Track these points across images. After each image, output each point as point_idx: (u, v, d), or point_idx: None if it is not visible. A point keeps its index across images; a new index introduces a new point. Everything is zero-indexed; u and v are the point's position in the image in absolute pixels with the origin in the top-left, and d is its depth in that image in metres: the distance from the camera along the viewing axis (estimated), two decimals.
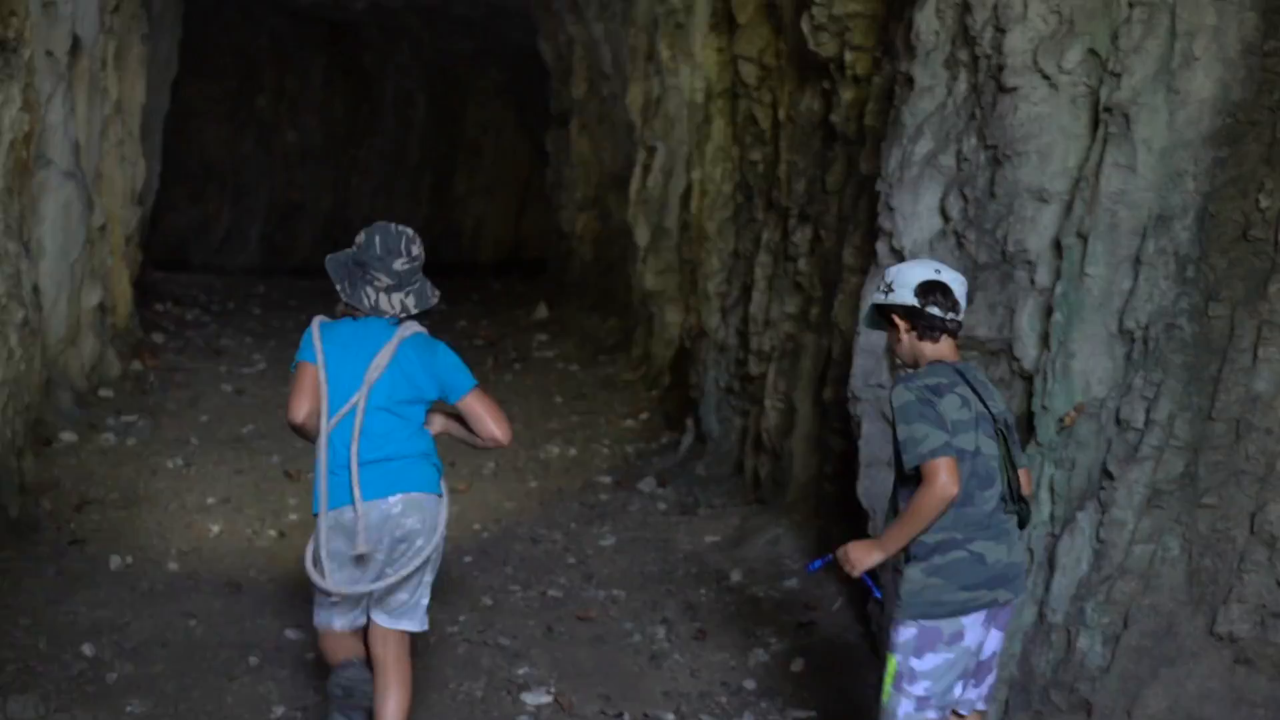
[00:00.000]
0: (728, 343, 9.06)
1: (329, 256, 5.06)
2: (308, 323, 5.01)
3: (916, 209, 5.69)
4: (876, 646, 5.81)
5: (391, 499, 4.74)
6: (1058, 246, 4.99)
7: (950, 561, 4.09)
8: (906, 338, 4.23)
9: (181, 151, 21.14)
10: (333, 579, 4.72)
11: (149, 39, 13.05)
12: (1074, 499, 4.76)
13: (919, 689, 4.12)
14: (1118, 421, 4.67)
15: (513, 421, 5.29)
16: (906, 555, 4.14)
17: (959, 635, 4.09)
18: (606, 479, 9.09)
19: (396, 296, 4.90)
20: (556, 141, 18.99)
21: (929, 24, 5.74)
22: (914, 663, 4.12)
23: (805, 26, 7.43)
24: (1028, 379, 5.11)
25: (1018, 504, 4.17)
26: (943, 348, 4.20)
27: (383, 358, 4.80)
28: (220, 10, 21.06)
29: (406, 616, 4.81)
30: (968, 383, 4.16)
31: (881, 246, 5.91)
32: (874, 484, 5.99)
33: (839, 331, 6.91)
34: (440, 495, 4.90)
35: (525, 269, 22.98)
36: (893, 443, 4.15)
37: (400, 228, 5.00)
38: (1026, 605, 4.78)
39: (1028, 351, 5.12)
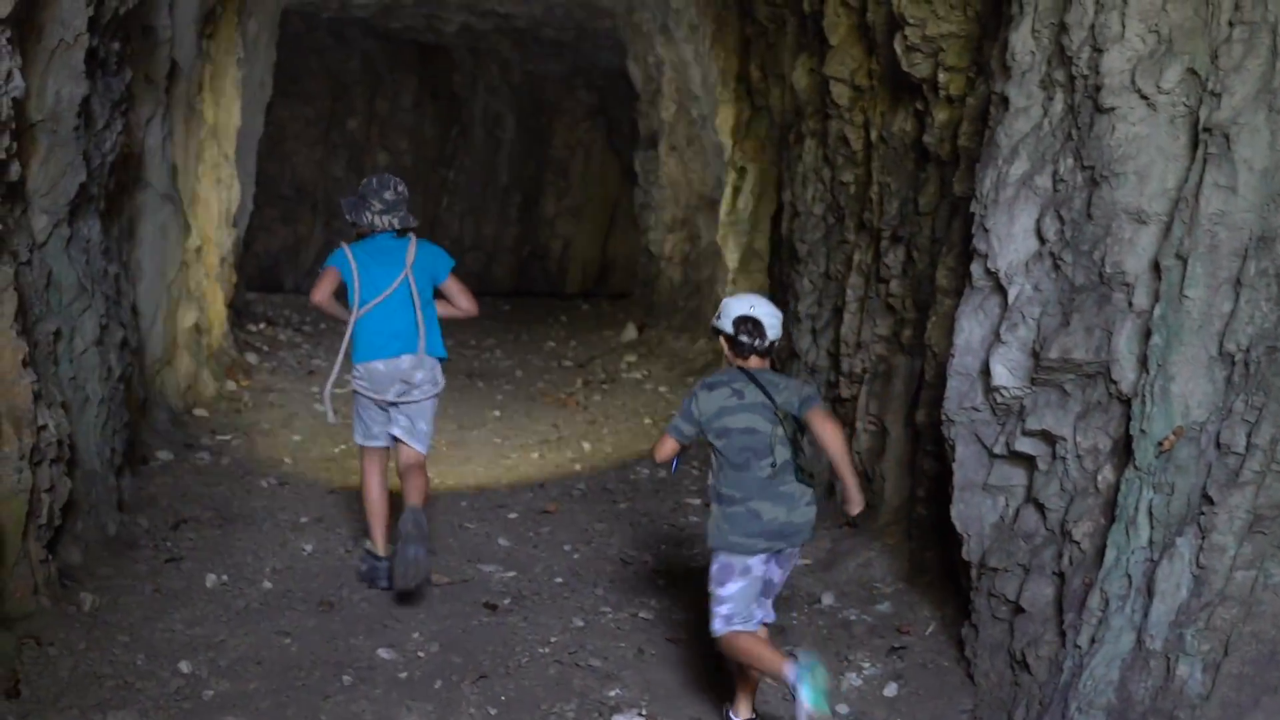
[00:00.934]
0: (818, 364, 9.04)
1: (342, 198, 7.48)
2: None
3: (1012, 230, 5.66)
4: (972, 672, 5.78)
5: (407, 358, 7.10)
6: (1156, 268, 4.95)
7: (734, 513, 5.43)
8: (728, 352, 5.65)
9: (274, 174, 21.42)
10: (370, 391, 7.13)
11: (244, 63, 13.24)
12: (1173, 524, 4.70)
13: (724, 609, 5.40)
14: (1218, 445, 4.61)
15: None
16: (716, 496, 5.56)
17: (748, 570, 5.41)
18: (696, 501, 9.09)
19: (385, 217, 7.18)
20: (645, 163, 19.06)
21: (1024, 44, 5.72)
22: (719, 590, 5.44)
23: (898, 47, 7.42)
24: (1126, 402, 5.07)
25: (802, 470, 5.45)
26: (751, 361, 5.58)
27: (410, 256, 7.14)
28: (313, 34, 21.31)
29: (419, 440, 7.17)
30: (756, 382, 5.51)
31: (976, 268, 5.88)
32: (968, 507, 5.96)
33: (932, 354, 6.88)
34: (444, 358, 7.27)
35: (613, 290, 23.04)
36: None
37: (389, 175, 7.37)
38: (1125, 631, 4.74)
39: (1126, 375, 5.07)
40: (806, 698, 5.01)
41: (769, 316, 5.61)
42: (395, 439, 7.17)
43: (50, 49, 6.66)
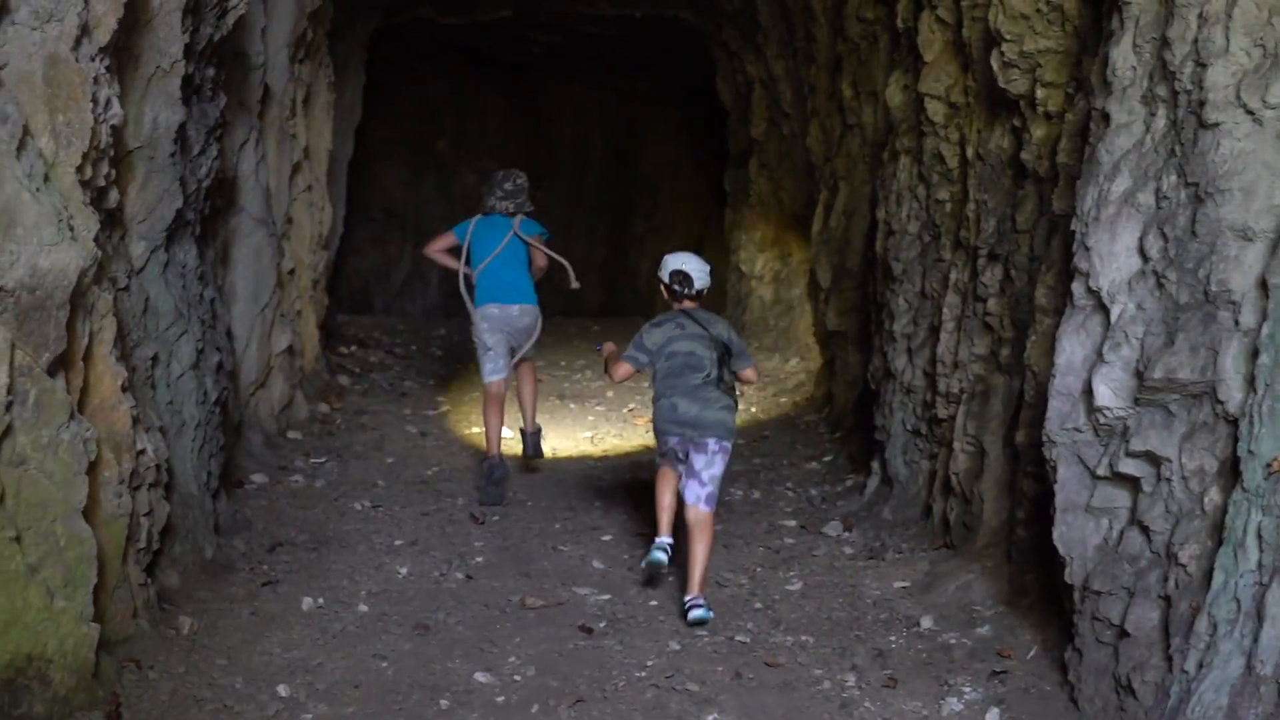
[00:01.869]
0: (914, 384, 9.00)
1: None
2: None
3: (1114, 248, 5.62)
4: (1076, 697, 5.72)
5: (515, 307, 9.95)
6: (1263, 286, 4.89)
7: (660, 406, 7.59)
8: (667, 297, 7.81)
9: (364, 196, 21.59)
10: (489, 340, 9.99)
11: (335, 87, 13.39)
12: None
13: (659, 455, 7.80)
14: None
15: None
16: (654, 397, 7.72)
17: (663, 442, 7.60)
18: (791, 523, 9.07)
19: (504, 203, 9.99)
20: (735, 181, 19.03)
21: (1125, 59, 5.68)
22: (661, 447, 7.70)
23: (995, 63, 7.39)
24: (1233, 423, 5.01)
25: (724, 383, 7.57)
26: (685, 303, 7.72)
27: (514, 227, 9.92)
28: (402, 55, 21.48)
29: (528, 353, 10.13)
30: (694, 319, 7.64)
31: (1078, 287, 5.84)
32: (1071, 530, 5.91)
33: (1031, 373, 6.83)
34: (537, 305, 10.10)
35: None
36: None
37: (514, 170, 10.26)
38: (1234, 656, 4.68)
39: (1232, 395, 5.01)
40: (650, 557, 7.44)
41: (697, 271, 7.76)
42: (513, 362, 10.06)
43: (147, 76, 6.79)
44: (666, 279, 7.79)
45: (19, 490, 5.04)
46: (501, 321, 9.90)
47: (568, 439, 11.88)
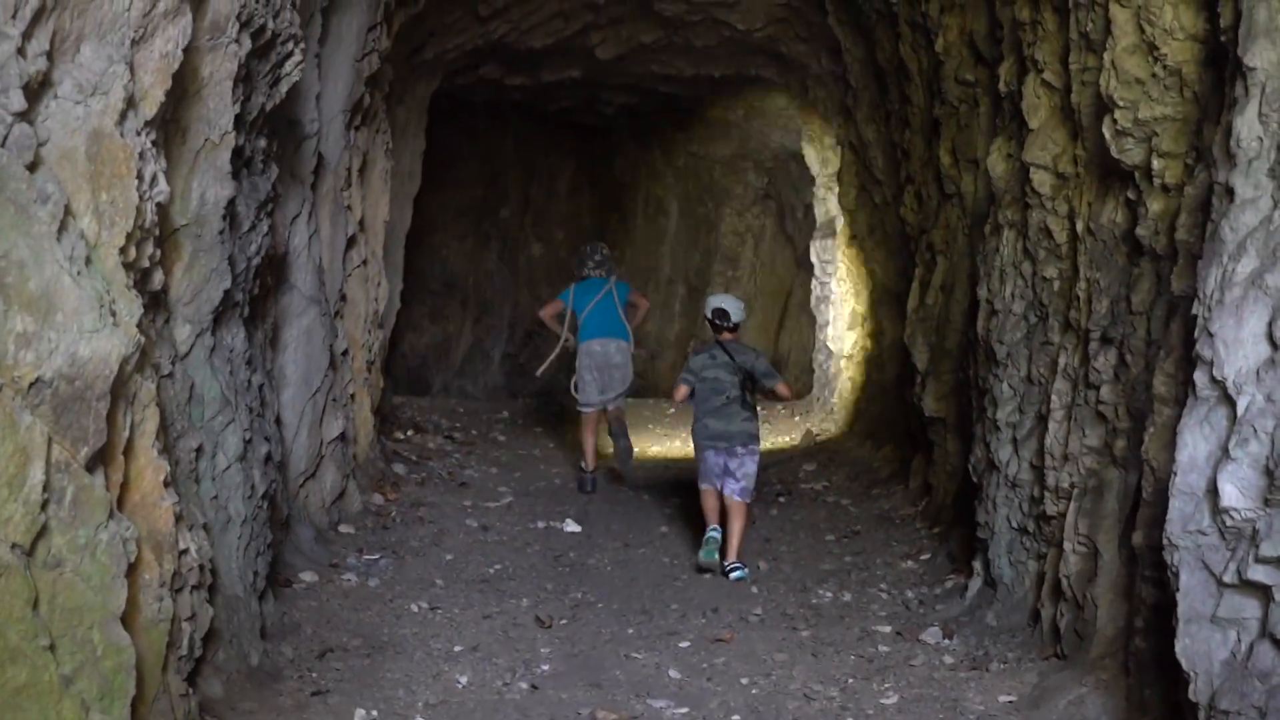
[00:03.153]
0: (1020, 478, 8.93)
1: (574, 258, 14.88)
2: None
3: (1240, 335, 5.57)
4: None
5: (613, 342, 13.86)
6: None
7: (696, 428, 10.86)
8: (711, 331, 11.06)
9: (422, 267, 21.77)
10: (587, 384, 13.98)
11: (392, 154, 13.54)
12: None
13: (700, 479, 10.87)
14: None
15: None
16: (694, 417, 11.00)
17: (704, 459, 10.74)
18: (885, 628, 9.00)
19: (598, 270, 14.11)
20: (822, 252, 19.09)
21: (1251, 129, 5.65)
22: (700, 467, 10.84)
23: (1107, 131, 7.37)
24: None
25: (750, 404, 10.80)
26: (723, 336, 10.86)
27: (609, 286, 14.01)
28: (465, 118, 21.69)
29: (620, 395, 13.99)
30: (725, 349, 10.84)
31: (1200, 376, 5.79)
32: (1195, 642, 5.82)
33: (1150, 469, 6.76)
34: (631, 342, 14.13)
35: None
36: None
37: (597, 243, 14.79)
38: None
39: None
40: (701, 553, 10.58)
41: (734, 308, 11.06)
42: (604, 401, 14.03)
43: (195, 149, 6.89)
44: (709, 315, 11.15)
45: (54, 595, 5.07)
46: (600, 357, 13.94)
47: (641, 533, 11.86)
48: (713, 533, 10.59)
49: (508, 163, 24.01)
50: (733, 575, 10.28)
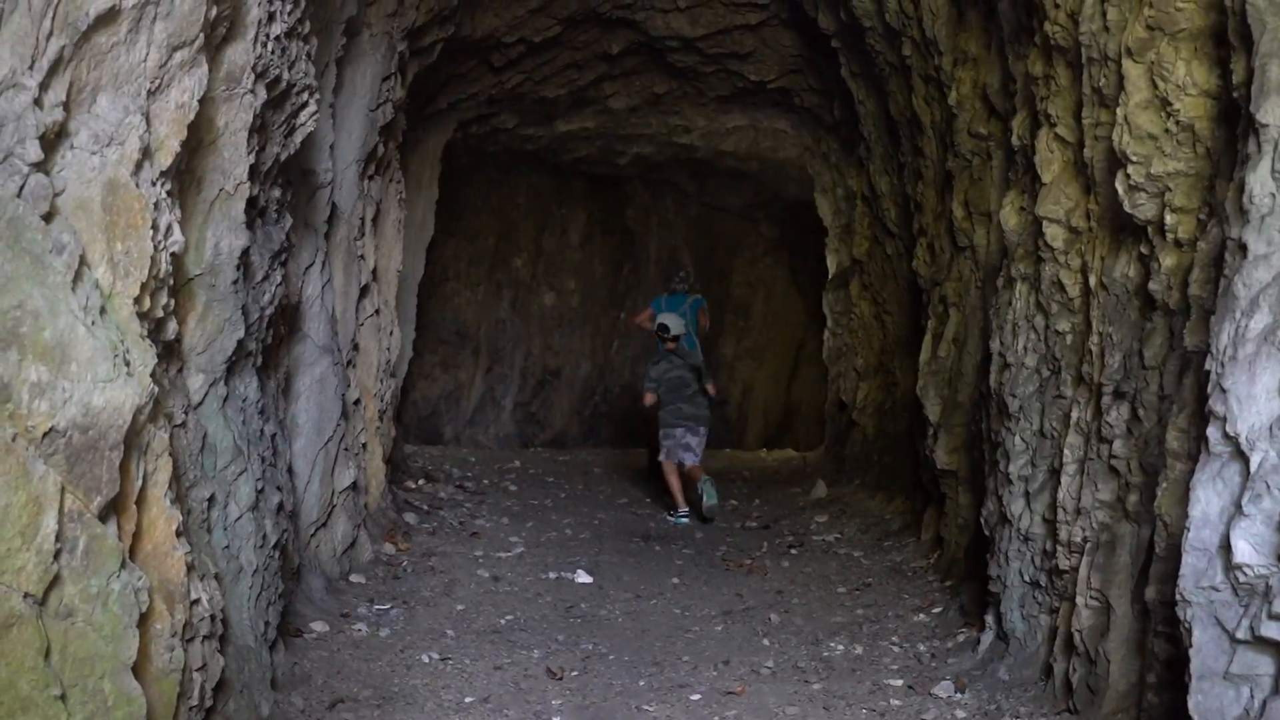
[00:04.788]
0: (1033, 531, 8.92)
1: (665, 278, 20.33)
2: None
3: (1253, 390, 5.57)
4: None
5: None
6: None
7: (667, 411, 15.72)
8: (657, 341, 16.17)
9: (434, 316, 21.82)
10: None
11: (405, 203, 13.60)
12: None
13: (663, 452, 15.75)
14: None
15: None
16: (662, 406, 15.88)
17: (673, 435, 15.62)
18: (897, 681, 8.97)
19: (681, 285, 18.10)
20: (835, 304, 19.10)
21: (1264, 185, 5.67)
22: (662, 443, 15.77)
23: (1120, 186, 7.40)
24: None
25: (705, 391, 15.73)
26: (669, 345, 15.87)
27: (689, 303, 17.61)
28: (477, 169, 21.77)
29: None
30: (678, 355, 15.87)
31: (1214, 432, 5.79)
32: (1208, 699, 5.80)
33: (1163, 524, 6.75)
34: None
35: (796, 441, 23.01)
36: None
37: (679, 266, 21.41)
38: None
39: None
40: (707, 495, 15.07)
41: (675, 324, 15.97)
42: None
43: (210, 199, 6.93)
44: (656, 329, 16.26)
45: (65, 644, 5.08)
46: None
47: (652, 583, 11.85)
48: (683, 517, 15.31)
49: (520, 212, 24.08)
50: (706, 496, 15.24)
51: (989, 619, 9.40)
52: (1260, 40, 5.95)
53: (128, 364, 5.37)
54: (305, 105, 8.20)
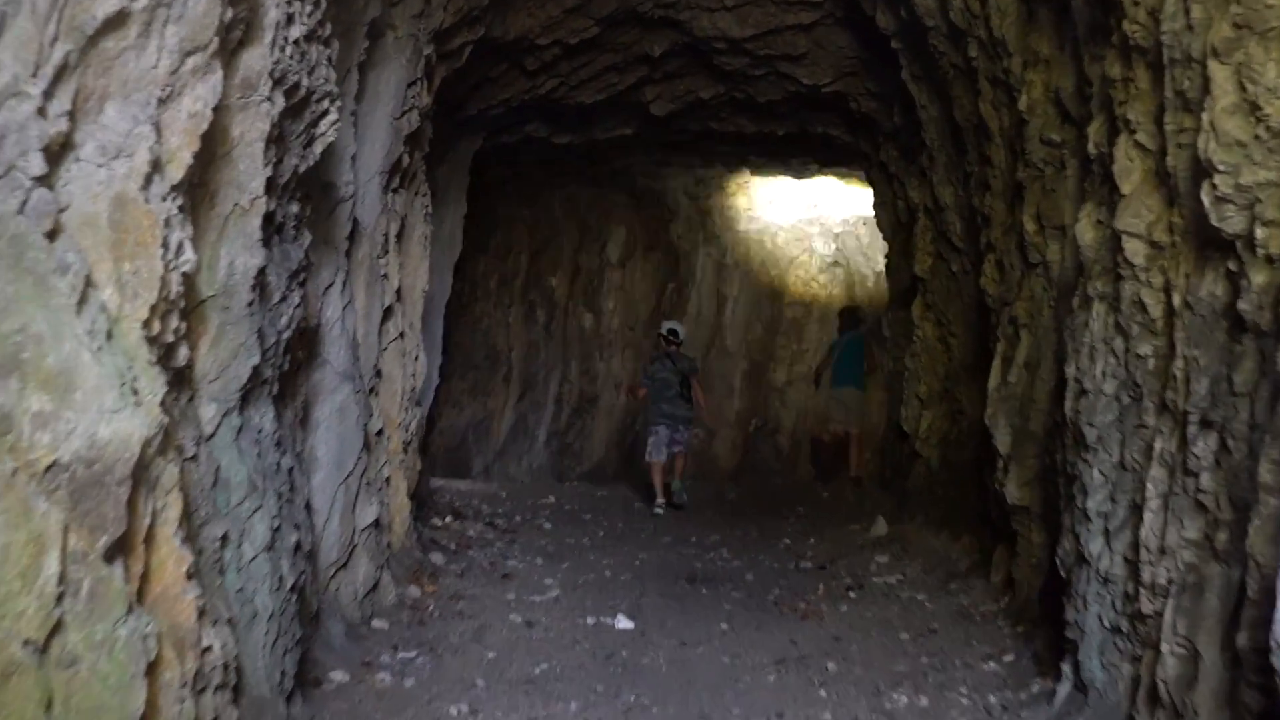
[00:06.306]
0: (1113, 572, 8.88)
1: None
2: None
3: None
4: None
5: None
6: None
7: (652, 410, 20.37)
8: (662, 344, 20.98)
9: (463, 340, 21.88)
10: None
11: (432, 218, 13.64)
12: None
13: (649, 451, 20.34)
14: None
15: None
16: (649, 405, 21.00)
17: (656, 433, 20.22)
18: None
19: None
20: (895, 325, 19.07)
21: None
22: (649, 441, 20.38)
23: (1205, 198, 7.37)
24: None
25: (686, 396, 20.44)
26: (670, 348, 20.49)
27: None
28: (509, 180, 21.82)
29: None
30: (671, 359, 20.46)
31: None
32: None
33: (1255, 564, 6.71)
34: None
35: (856, 473, 22.97)
36: None
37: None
38: None
39: None
40: (677, 494, 19.99)
41: (678, 328, 20.82)
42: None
43: (224, 215, 6.96)
44: (664, 332, 20.62)
45: (68, 695, 5.09)
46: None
47: (699, 630, 11.83)
48: (659, 508, 19.48)
49: (556, 227, 24.15)
50: (676, 499, 20.04)
51: (1065, 668, 9.36)
52: None
53: (136, 393, 5.39)
54: (326, 113, 8.24)
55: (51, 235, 5.06)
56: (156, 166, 5.73)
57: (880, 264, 20.88)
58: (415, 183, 12.94)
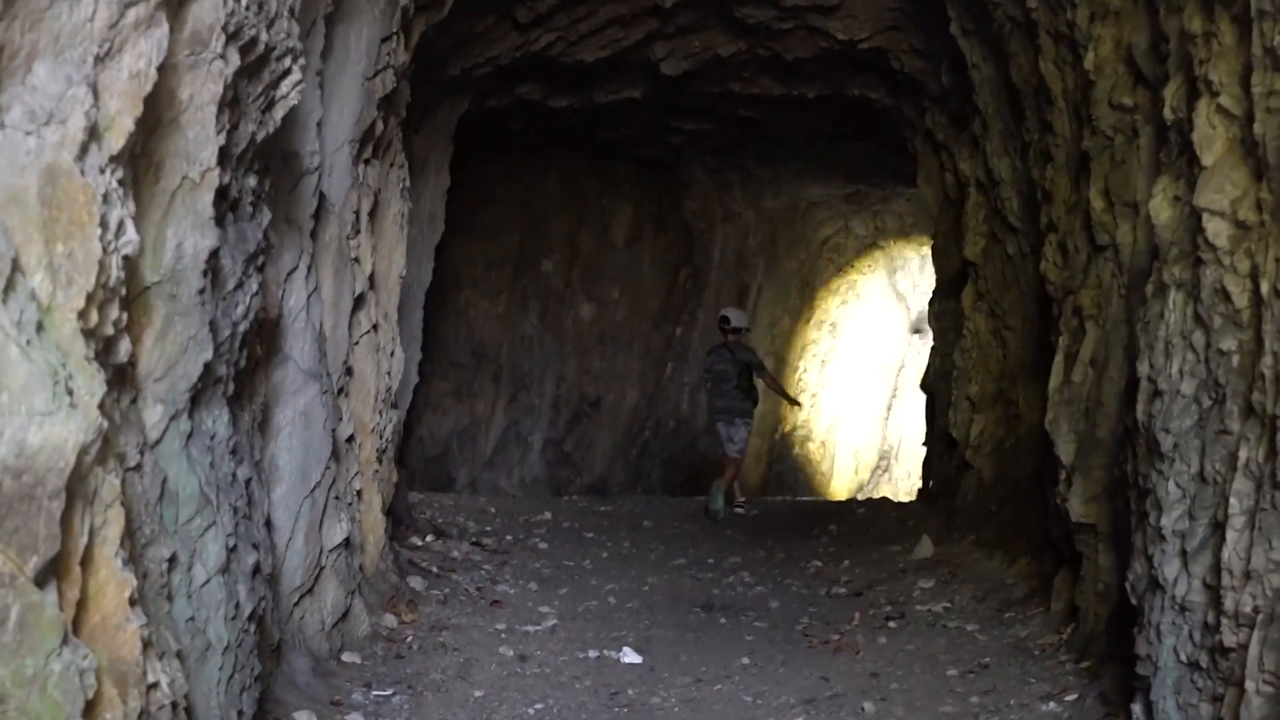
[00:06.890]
0: (1191, 600, 8.89)
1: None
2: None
3: None
4: None
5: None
6: None
7: (713, 403, 22.45)
8: (720, 334, 23.27)
9: (446, 333, 21.87)
10: None
11: (409, 193, 13.64)
12: None
13: (719, 448, 22.70)
14: None
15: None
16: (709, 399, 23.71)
17: (716, 430, 22.40)
18: None
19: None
20: (942, 316, 19.08)
21: None
22: (714, 438, 22.92)
23: None
24: None
25: (748, 390, 22.34)
26: (728, 337, 22.44)
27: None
28: (498, 150, 21.78)
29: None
30: (729, 349, 22.31)
31: None
32: None
33: None
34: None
35: (896, 487, 22.98)
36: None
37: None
38: None
39: None
40: (714, 500, 21.16)
41: (735, 316, 22.42)
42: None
43: (171, 190, 6.94)
44: (720, 322, 22.33)
45: None
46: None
47: (717, 664, 11.85)
48: (739, 509, 22.14)
49: (551, 205, 24.12)
50: (737, 511, 22.04)
51: (1136, 708, 9.37)
52: None
53: (70, 393, 5.39)
54: (287, 73, 8.24)
55: None
56: (93, 134, 5.73)
57: (925, 247, 20.86)
58: (390, 153, 12.94)
